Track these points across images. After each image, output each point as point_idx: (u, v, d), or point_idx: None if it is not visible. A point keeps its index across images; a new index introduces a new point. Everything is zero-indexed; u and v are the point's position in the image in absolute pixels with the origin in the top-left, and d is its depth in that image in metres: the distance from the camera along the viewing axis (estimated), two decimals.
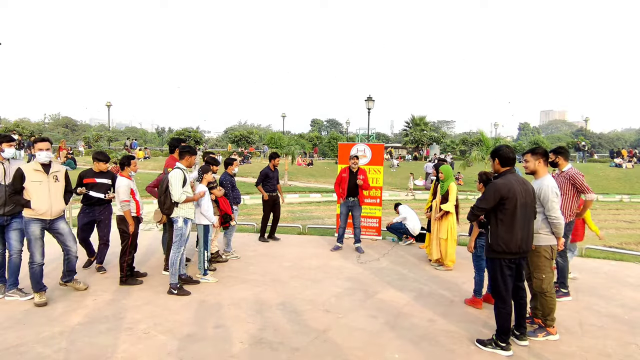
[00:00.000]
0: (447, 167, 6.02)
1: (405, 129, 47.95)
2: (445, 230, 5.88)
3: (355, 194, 6.89)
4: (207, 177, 5.33)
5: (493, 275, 3.56)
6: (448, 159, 31.11)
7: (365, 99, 24.49)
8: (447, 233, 5.86)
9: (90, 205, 5.38)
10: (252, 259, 6.33)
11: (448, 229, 5.87)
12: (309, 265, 6.08)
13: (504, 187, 3.43)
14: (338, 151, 8.59)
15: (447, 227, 5.87)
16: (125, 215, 5.00)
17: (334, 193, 7.21)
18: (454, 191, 5.83)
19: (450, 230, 5.86)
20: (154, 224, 9.23)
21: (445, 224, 5.90)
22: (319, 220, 11.06)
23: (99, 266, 5.54)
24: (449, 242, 5.85)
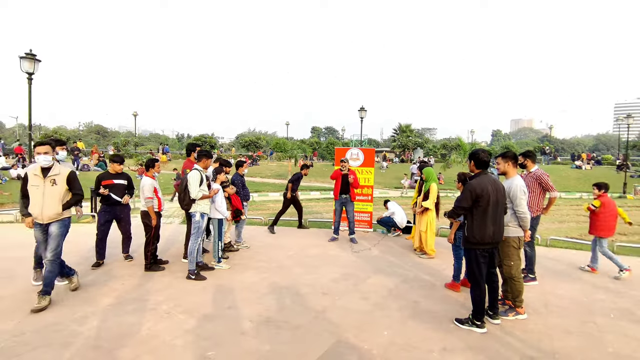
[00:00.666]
0: (429, 169, 6.01)
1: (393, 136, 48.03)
2: (425, 224, 5.89)
3: (347, 191, 6.89)
4: (221, 177, 5.32)
5: (469, 262, 3.57)
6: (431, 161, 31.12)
7: (358, 109, 24.47)
8: (427, 226, 5.87)
9: (110, 205, 5.19)
10: (259, 249, 6.33)
11: (427, 223, 5.88)
12: (310, 253, 6.08)
13: (479, 187, 3.44)
14: (335, 154, 8.58)
15: (427, 221, 5.89)
16: (149, 211, 4.99)
17: (332, 191, 7.19)
18: (435, 191, 5.83)
19: (429, 224, 5.87)
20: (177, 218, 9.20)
21: (425, 218, 5.91)
22: (318, 215, 11.06)
23: (126, 255, 5.48)
24: (428, 234, 5.87)
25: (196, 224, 4.77)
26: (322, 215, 11.10)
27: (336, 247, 6.57)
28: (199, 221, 4.78)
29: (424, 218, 5.93)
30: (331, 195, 14.85)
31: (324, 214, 11.30)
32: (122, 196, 5.23)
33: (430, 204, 5.81)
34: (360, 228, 7.92)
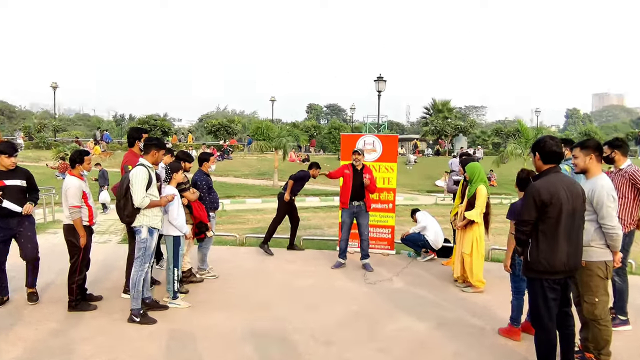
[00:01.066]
0: (474, 165, 6.01)
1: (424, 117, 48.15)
2: (469, 243, 5.89)
3: (361, 197, 6.89)
4: (178, 176, 5.32)
5: (533, 298, 3.56)
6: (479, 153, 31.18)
7: (374, 79, 24.49)
8: (472, 247, 5.87)
9: (3, 218, 4.96)
10: (233, 279, 6.33)
11: (473, 242, 5.88)
12: (304, 286, 6.07)
13: (545, 191, 3.43)
14: (340, 144, 8.58)
15: (472, 239, 5.88)
16: (75, 225, 4.98)
17: (336, 197, 7.25)
18: (483, 195, 5.83)
19: (476, 244, 5.87)
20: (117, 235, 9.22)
21: (469, 235, 5.91)
22: (317, 231, 11.05)
23: (31, 291, 5.28)
24: (473, 257, 5.87)
25: (142, 243, 4.78)
26: (322, 231, 11.11)
27: (343, 276, 6.57)
28: (146, 240, 4.78)
29: (467, 235, 5.94)
30: (335, 203, 14.84)
31: (325, 229, 11.30)
32: (21, 204, 5.07)
33: (476, 214, 5.81)
34: (378, 249, 7.94)
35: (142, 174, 4.69)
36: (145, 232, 4.78)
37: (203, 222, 5.83)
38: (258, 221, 12.52)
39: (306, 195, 18.41)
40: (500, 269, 6.78)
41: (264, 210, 14.70)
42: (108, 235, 9.52)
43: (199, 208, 5.80)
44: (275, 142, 22.05)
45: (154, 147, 4.89)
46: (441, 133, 38.44)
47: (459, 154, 7.89)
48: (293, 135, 24.66)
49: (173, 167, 5.34)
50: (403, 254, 7.95)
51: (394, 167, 7.96)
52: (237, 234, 8.97)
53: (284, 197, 7.85)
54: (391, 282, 6.29)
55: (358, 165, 6.93)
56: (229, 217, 13.14)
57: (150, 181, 4.76)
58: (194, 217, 5.75)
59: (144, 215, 4.77)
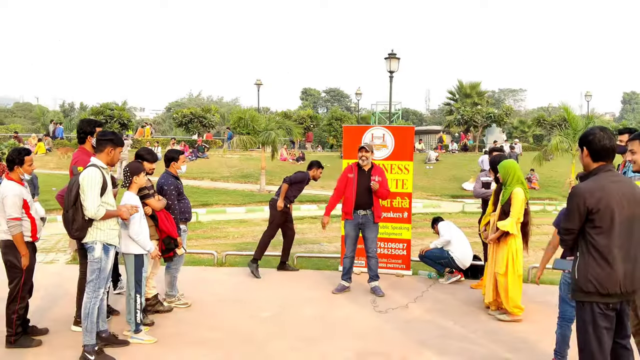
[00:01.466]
0: (507, 163, 6.02)
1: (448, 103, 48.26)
2: (503, 261, 5.89)
3: (369, 204, 6.92)
4: (139, 179, 5.32)
5: (581, 327, 3.58)
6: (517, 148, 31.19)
7: (385, 57, 24.55)
8: (507, 265, 5.88)
9: None
10: (211, 307, 6.32)
11: (508, 259, 5.88)
12: (299, 316, 6.08)
13: (591, 195, 3.45)
14: (343, 138, 8.61)
15: (507, 255, 5.88)
16: (15, 241, 4.99)
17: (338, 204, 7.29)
18: (520, 200, 5.83)
19: (512, 261, 5.88)
20: (68, 251, 9.22)
21: (503, 251, 5.91)
22: (315, 246, 11.06)
23: None
24: (509, 278, 5.87)
25: (95, 263, 4.78)
26: (321, 247, 11.12)
27: (347, 302, 6.59)
28: (100, 259, 4.79)
29: (502, 251, 5.95)
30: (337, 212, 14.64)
31: (324, 245, 11.32)
32: None
33: (511, 225, 5.82)
34: (390, 269, 7.97)
35: (95, 177, 4.69)
36: (100, 250, 4.77)
37: (171, 237, 5.82)
38: (241, 235, 12.55)
39: (300, 202, 18.41)
40: (543, 293, 6.80)
41: (248, 221, 14.73)
42: (55, 254, 9.50)
43: (166, 219, 5.79)
44: (262, 136, 22.04)
45: (109, 143, 4.88)
46: (469, 123, 38.45)
47: (490, 149, 7.92)
48: (284, 127, 24.67)
49: (132, 168, 5.31)
50: (422, 275, 7.97)
51: (409, 167, 7.98)
52: (215, 251, 8.97)
53: (276, 205, 7.89)
54: (407, 310, 6.30)
55: (365, 165, 6.95)
56: (204, 230, 13.15)
57: (105, 186, 4.76)
58: (160, 230, 5.75)
59: (97, 229, 4.76)
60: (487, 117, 38.28)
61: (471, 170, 25.89)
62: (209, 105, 46.06)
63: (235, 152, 30.34)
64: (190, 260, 8.54)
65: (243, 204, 18.15)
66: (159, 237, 5.76)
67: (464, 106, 41.73)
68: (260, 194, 20.41)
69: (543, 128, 41.19)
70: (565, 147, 19.96)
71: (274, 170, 25.00)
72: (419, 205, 18.27)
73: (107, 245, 4.81)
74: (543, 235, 12.52)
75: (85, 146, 5.67)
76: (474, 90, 45.46)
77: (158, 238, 5.75)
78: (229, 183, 23.64)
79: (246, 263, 8.10)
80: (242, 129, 23.05)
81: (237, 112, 24.82)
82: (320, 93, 76.59)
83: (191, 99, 69.96)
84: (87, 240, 4.78)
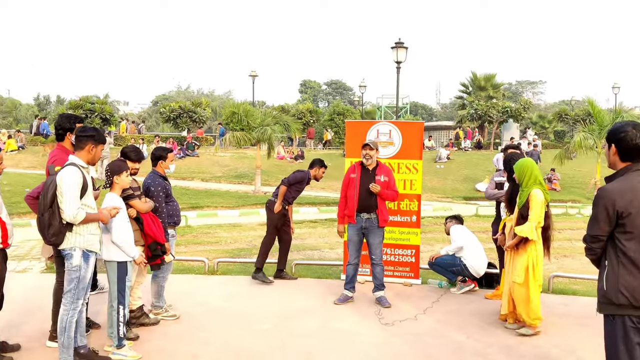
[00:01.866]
0: (525, 163, 5.98)
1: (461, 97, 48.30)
2: (523, 269, 5.85)
3: (373, 207, 6.90)
4: (121, 180, 5.28)
5: (612, 343, 3.55)
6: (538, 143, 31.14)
7: (392, 45, 24.54)
8: (526, 273, 5.84)
9: None
10: (201, 319, 6.30)
11: (527, 267, 5.84)
12: (300, 327, 6.07)
13: (621, 196, 3.41)
14: (345, 135, 8.57)
15: (526, 263, 5.84)
16: None
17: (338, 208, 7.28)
18: (539, 202, 5.78)
19: (533, 269, 5.84)
20: (43, 260, 9.19)
21: (522, 258, 5.88)
22: (315, 253, 11.04)
23: None
24: (530, 288, 5.83)
25: (74, 272, 4.76)
26: (322, 254, 11.09)
27: (350, 313, 6.58)
28: (79, 267, 4.76)
29: (520, 258, 5.91)
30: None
31: (325, 251, 11.30)
32: None
33: (530, 230, 5.78)
34: (397, 277, 7.95)
35: (74, 177, 4.66)
36: (79, 257, 4.74)
37: (158, 243, 5.79)
38: (234, 240, 12.52)
39: (299, 204, 18.41)
40: (563, 303, 6.76)
41: (242, 226, 14.71)
42: (28, 262, 9.48)
43: (152, 223, 5.76)
44: (257, 132, 22.02)
45: (90, 140, 4.85)
46: (484, 118, 38.44)
47: (506, 146, 7.88)
48: (281, 123, 24.65)
49: (113, 167, 5.27)
50: (432, 284, 7.95)
51: (418, 166, 7.96)
52: (206, 259, 8.94)
53: (273, 207, 7.87)
54: (416, 323, 6.26)
55: (369, 164, 6.91)
56: (194, 235, 13.13)
57: (86, 187, 4.73)
58: (147, 235, 5.71)
59: (76, 234, 4.73)
60: (503, 111, 38.19)
61: (485, 169, 25.91)
62: (200, 98, 45.99)
63: (228, 150, 30.40)
64: (179, 268, 8.52)
65: (236, 207, 18.15)
66: (144, 242, 5.73)
67: (478, 100, 41.68)
68: (255, 196, 20.40)
69: (565, 123, 41.21)
70: (590, 145, 19.84)
71: (270, 170, 25.03)
72: (429, 208, 18.26)
73: (87, 252, 4.78)
74: (565, 241, 12.51)
75: (64, 144, 5.65)
76: (489, 82, 45.41)
77: (143, 244, 5.72)
78: (221, 184, 23.66)
79: (240, 271, 8.09)
80: (236, 124, 23.03)
81: (230, 106, 24.78)
82: (320, 85, 76.81)
83: (180, 92, 70.11)
84: (64, 246, 4.74)
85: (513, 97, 61.37)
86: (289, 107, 41.35)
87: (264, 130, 21.76)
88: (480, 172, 25.96)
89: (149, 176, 6.31)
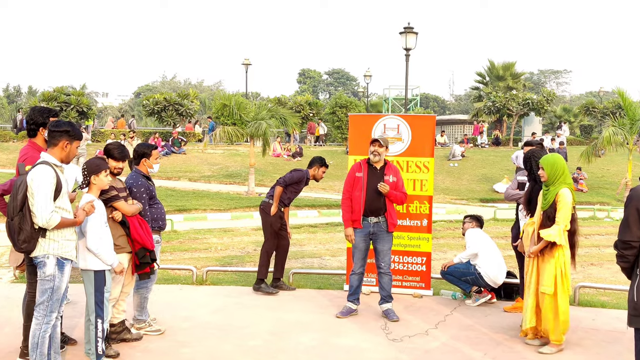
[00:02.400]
0: (553, 158, 5.98)
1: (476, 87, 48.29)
2: (551, 278, 5.84)
3: (381, 209, 6.91)
4: (99, 180, 5.29)
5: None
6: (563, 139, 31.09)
7: (400, 31, 24.56)
8: (555, 282, 5.83)
9: None
10: (188, 334, 6.30)
11: (555, 275, 5.84)
12: (296, 344, 6.07)
13: None
14: (349, 130, 8.57)
15: (554, 271, 5.84)
16: None
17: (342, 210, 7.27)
18: (567, 204, 5.77)
19: (561, 278, 5.83)
20: (10, 270, 9.20)
21: (550, 265, 5.86)
22: (315, 261, 11.04)
23: None
24: (559, 298, 5.82)
25: (47, 282, 4.76)
26: (322, 262, 11.09)
27: (354, 327, 6.57)
28: (53, 276, 4.76)
29: (548, 265, 5.89)
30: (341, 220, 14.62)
31: (326, 259, 11.30)
32: None
33: (557, 233, 5.77)
34: (407, 288, 7.96)
35: (46, 177, 4.66)
36: (52, 266, 4.74)
37: (147, 249, 5.77)
38: (226, 247, 12.53)
39: (298, 207, 18.44)
40: (589, 316, 6.75)
41: (234, 230, 14.72)
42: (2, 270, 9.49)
43: (140, 227, 5.75)
44: (250, 127, 22.01)
45: (65, 136, 4.85)
46: (502, 112, 38.42)
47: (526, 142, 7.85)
48: (278, 116, 24.62)
49: (92, 165, 5.25)
50: (444, 296, 7.95)
51: (430, 165, 7.95)
52: (194, 267, 8.94)
53: (268, 209, 7.89)
54: (427, 338, 6.25)
55: (377, 163, 6.92)
56: (181, 241, 13.13)
57: (60, 187, 4.73)
58: (133, 241, 5.70)
59: (50, 240, 4.73)
60: (523, 104, 38.17)
61: (504, 168, 25.89)
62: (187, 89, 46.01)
63: (218, 147, 30.38)
64: (164, 278, 8.53)
65: (228, 210, 18.15)
66: (131, 249, 5.71)
67: (496, 91, 41.71)
68: (249, 197, 20.39)
69: (592, 117, 41.17)
70: (620, 141, 19.83)
71: (265, 169, 25.06)
72: (441, 211, 18.26)
73: (61, 260, 4.78)
74: (592, 248, 12.51)
75: (36, 140, 5.65)
76: (508, 71, 45.43)
77: (130, 250, 5.71)
78: (211, 184, 23.65)
79: (231, 281, 8.08)
80: (227, 118, 23.00)
81: (221, 98, 24.68)
82: (321, 75, 76.82)
83: (165, 83, 70.08)
84: (37, 253, 4.74)
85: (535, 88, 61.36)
86: (286, 99, 41.23)
87: (258, 124, 21.74)
88: (498, 171, 25.95)
89: (131, 176, 6.29)
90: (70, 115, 30.38)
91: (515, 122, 39.47)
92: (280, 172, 25.77)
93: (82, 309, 5.60)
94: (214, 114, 26.44)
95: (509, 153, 28.70)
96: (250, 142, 22.78)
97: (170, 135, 31.69)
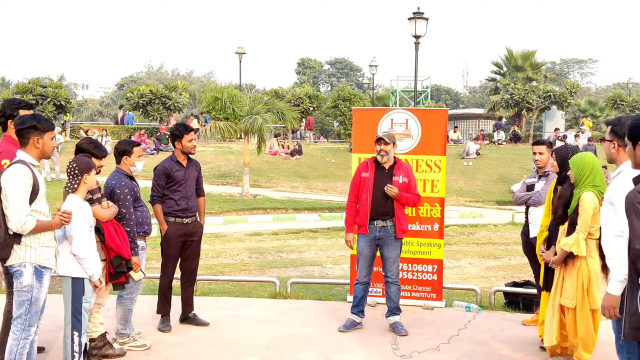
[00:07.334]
0: (585, 157, 5.92)
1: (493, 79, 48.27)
2: (573, 289, 5.84)
3: (389, 213, 6.91)
4: (91, 179, 5.30)
5: None
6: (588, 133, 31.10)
7: (409, 16, 24.56)
8: (578, 295, 5.82)
9: None
10: (176, 350, 6.31)
11: (578, 287, 5.83)
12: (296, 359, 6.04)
13: None
14: (353, 125, 8.58)
15: (578, 281, 5.83)
16: None
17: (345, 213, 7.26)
18: (588, 209, 5.71)
19: (586, 289, 5.82)
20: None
21: (572, 276, 5.85)
22: (315, 269, 11.05)
23: None
24: (580, 313, 5.81)
25: (24, 293, 4.77)
26: (323, 271, 11.09)
27: (358, 342, 6.58)
28: (31, 287, 4.77)
29: (570, 276, 5.88)
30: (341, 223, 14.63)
31: (327, 267, 11.30)
32: None
33: (573, 243, 5.72)
34: (416, 299, 7.98)
35: (22, 177, 4.66)
36: (30, 275, 4.74)
37: (121, 257, 5.76)
38: (217, 254, 12.53)
39: (297, 210, 18.48)
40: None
41: (226, 236, 14.74)
42: None
43: (115, 233, 5.75)
44: (245, 122, 22.01)
45: (32, 130, 4.82)
46: (521, 105, 38.35)
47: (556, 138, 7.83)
48: (275, 110, 24.63)
49: (83, 163, 5.27)
50: (458, 307, 7.95)
51: (441, 164, 7.97)
52: None
53: None
54: (438, 354, 6.25)
55: (385, 162, 6.91)
56: None
57: (37, 189, 4.74)
58: (109, 248, 5.71)
59: (26, 247, 4.74)
60: (544, 96, 38.09)
61: (523, 167, 25.87)
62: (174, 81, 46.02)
63: (209, 144, 30.35)
64: (149, 288, 8.53)
65: (220, 213, 18.16)
66: (107, 256, 5.71)
67: (514, 82, 41.60)
68: (243, 200, 20.39)
69: (621, 111, 41.03)
70: None
71: (261, 168, 25.07)
72: (454, 215, 18.27)
73: (39, 269, 4.78)
74: None
75: (10, 133, 5.65)
76: (528, 61, 45.25)
77: (104, 258, 5.71)
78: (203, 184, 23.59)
79: (223, 291, 8.05)
80: (219, 112, 22.99)
81: (212, 90, 24.69)
82: (322, 65, 76.83)
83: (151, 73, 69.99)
84: (12, 262, 4.74)
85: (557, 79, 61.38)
86: (283, 92, 41.29)
87: (254, 119, 21.70)
88: (517, 170, 25.92)
89: (113, 176, 6.28)
90: (47, 109, 30.30)
91: (536, 117, 39.43)
92: (277, 171, 25.86)
93: (59, 320, 5.61)
94: (205, 108, 26.45)
95: (528, 151, 28.62)
96: (245, 138, 22.74)
97: (157, 132, 31.70)
